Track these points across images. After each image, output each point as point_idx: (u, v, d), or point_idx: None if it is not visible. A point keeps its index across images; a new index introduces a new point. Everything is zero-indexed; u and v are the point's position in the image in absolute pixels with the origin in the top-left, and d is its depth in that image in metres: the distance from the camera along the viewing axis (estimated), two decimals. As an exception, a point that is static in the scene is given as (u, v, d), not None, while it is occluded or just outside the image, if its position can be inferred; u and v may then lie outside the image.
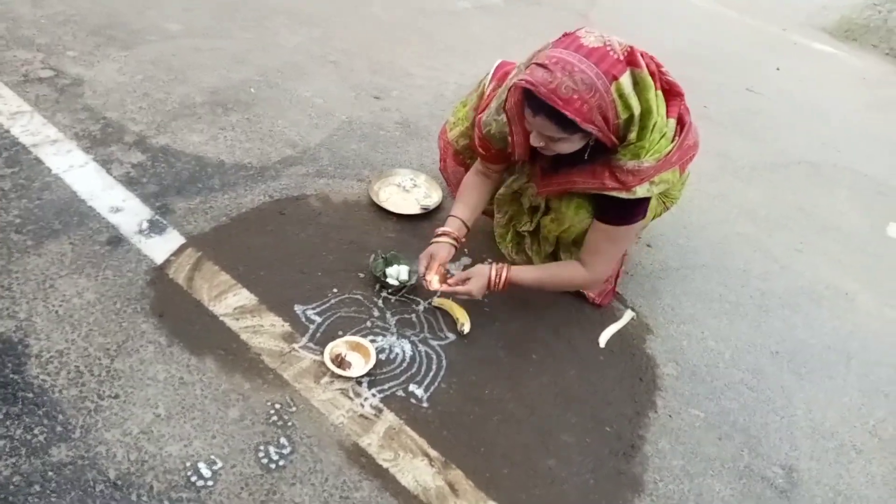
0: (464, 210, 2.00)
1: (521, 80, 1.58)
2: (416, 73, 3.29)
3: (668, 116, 1.71)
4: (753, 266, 2.52)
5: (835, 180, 3.37)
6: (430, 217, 2.28)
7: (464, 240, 1.96)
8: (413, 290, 1.97)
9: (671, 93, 1.73)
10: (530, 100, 1.62)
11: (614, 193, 1.72)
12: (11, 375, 1.49)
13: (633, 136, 1.65)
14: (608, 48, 1.57)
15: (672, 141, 1.70)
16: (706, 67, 4.42)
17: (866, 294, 2.53)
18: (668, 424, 1.79)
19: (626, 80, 1.57)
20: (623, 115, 1.60)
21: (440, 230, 1.95)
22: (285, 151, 2.43)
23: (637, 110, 1.61)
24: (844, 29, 6.35)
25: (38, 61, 2.56)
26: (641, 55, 1.63)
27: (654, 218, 2.12)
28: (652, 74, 1.64)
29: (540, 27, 4.35)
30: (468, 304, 1.96)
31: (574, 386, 1.83)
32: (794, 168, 3.38)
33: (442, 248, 1.91)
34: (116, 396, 1.50)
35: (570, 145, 1.67)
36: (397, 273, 1.95)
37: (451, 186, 2.34)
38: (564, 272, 1.95)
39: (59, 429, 1.41)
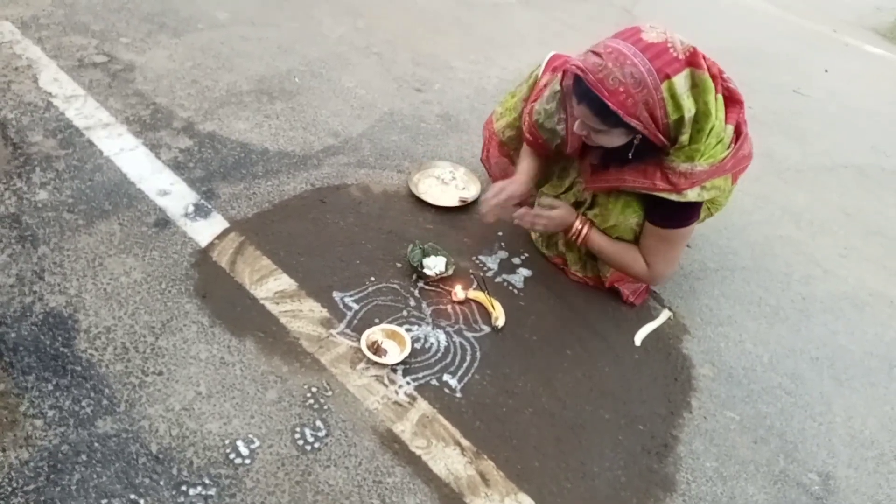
0: (531, 163, 2.04)
1: (574, 64, 1.61)
2: (458, 65, 3.29)
3: (726, 122, 1.69)
4: (795, 270, 2.47)
5: (882, 185, 3.28)
6: (468, 210, 2.29)
7: (533, 191, 2.08)
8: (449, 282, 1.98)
9: (731, 100, 1.72)
10: (577, 86, 1.64)
11: (664, 195, 1.72)
12: (61, 349, 1.54)
13: (684, 137, 1.64)
14: (668, 45, 1.57)
15: (728, 147, 1.69)
16: (752, 66, 4.33)
17: (912, 302, 2.47)
18: (702, 425, 1.78)
19: (680, 80, 1.56)
20: (673, 116, 1.60)
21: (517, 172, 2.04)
22: (327, 141, 2.46)
23: (690, 112, 1.60)
24: (899, 31, 6.16)
25: (93, 47, 2.63)
26: (703, 58, 1.62)
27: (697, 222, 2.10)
28: (713, 78, 1.63)
29: (582, 22, 4.32)
30: (503, 298, 1.97)
31: (608, 383, 1.83)
32: (841, 171, 3.31)
33: (517, 183, 1.97)
34: (160, 373, 1.54)
35: (610, 139, 1.68)
36: (435, 264, 1.97)
37: (493, 177, 2.35)
38: (629, 256, 1.93)
39: (105, 402, 1.46)
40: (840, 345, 2.17)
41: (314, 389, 1.59)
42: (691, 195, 1.70)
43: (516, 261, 2.14)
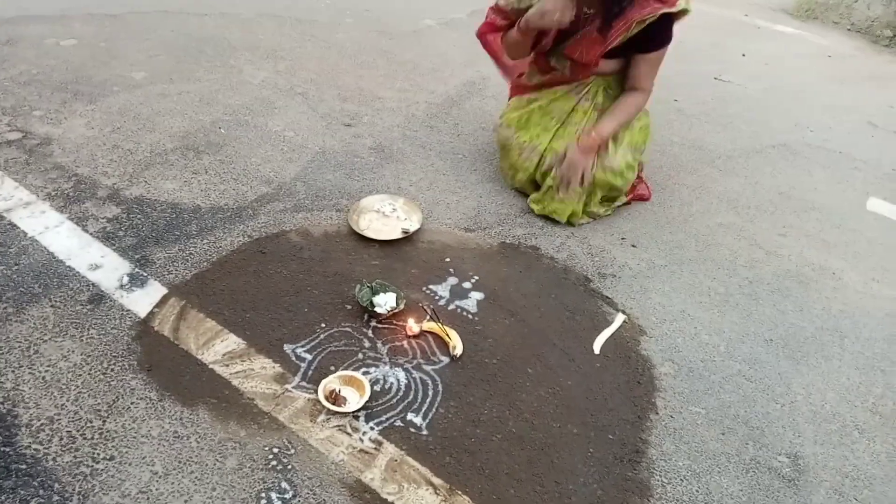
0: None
1: None
2: (386, 96, 3.29)
3: None
4: (739, 255, 2.52)
5: (811, 160, 3.39)
6: (412, 240, 2.28)
7: None
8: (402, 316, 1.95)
9: None
10: None
11: (664, 10, 2.18)
12: (2, 448, 1.46)
13: None
14: None
15: None
16: (673, 60, 4.42)
17: (852, 271, 2.54)
18: (670, 425, 1.78)
19: None
20: None
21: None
22: (261, 189, 2.42)
23: None
24: (805, 9, 6.42)
25: (5, 124, 2.54)
26: None
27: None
28: None
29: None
30: (459, 325, 1.95)
31: (573, 396, 1.82)
32: (770, 152, 3.41)
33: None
34: (112, 458, 1.48)
35: None
36: (385, 301, 1.94)
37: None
38: (630, 105, 2.44)
39: (55, 498, 1.39)
40: (791, 323, 2.22)
41: (276, 450, 1.54)
42: (681, 3, 2.21)
43: (467, 285, 2.13)
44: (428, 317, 1.96)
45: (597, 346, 1.99)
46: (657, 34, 2.28)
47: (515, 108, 2.62)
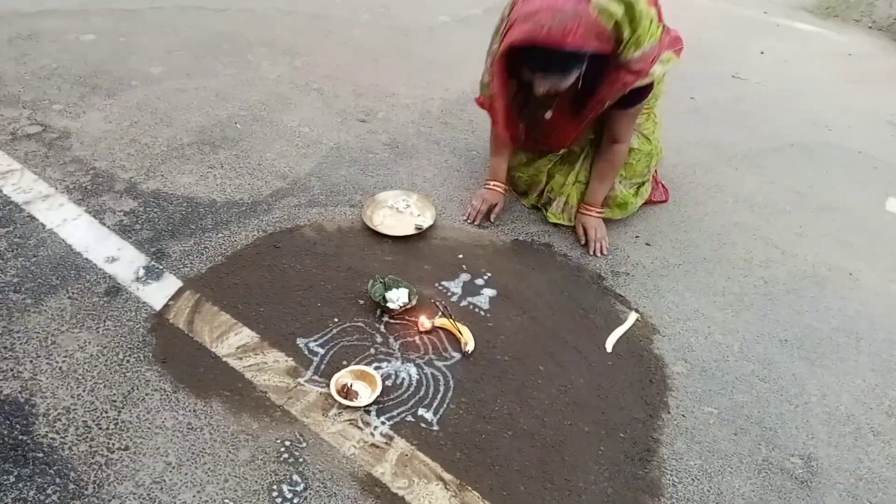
0: (499, 162, 2.44)
1: (514, 39, 1.84)
2: (401, 92, 3.29)
3: (649, 5, 1.94)
4: (754, 254, 2.50)
5: (829, 160, 3.35)
6: (425, 236, 2.28)
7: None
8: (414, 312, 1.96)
9: None
10: (530, 59, 1.89)
11: (637, 84, 1.97)
12: (20, 436, 1.49)
13: (627, 33, 1.84)
14: None
15: (659, 26, 1.96)
16: (690, 58, 4.40)
17: (870, 271, 2.51)
18: (682, 424, 1.78)
19: None
20: (609, 24, 1.80)
21: (490, 179, 2.45)
22: (276, 184, 2.44)
23: (619, 12, 1.80)
24: (825, 6, 6.35)
25: (25, 118, 2.58)
26: None
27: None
28: None
29: (520, 34, 4.35)
30: (470, 321, 1.96)
31: (584, 394, 1.82)
32: (787, 151, 3.37)
33: (496, 195, 2.42)
34: (126, 448, 1.50)
35: (569, 80, 1.93)
36: (398, 297, 1.95)
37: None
38: (614, 163, 2.31)
39: (71, 486, 1.41)
40: (806, 324, 2.20)
41: (287, 443, 1.56)
42: (657, 70, 1.98)
43: (479, 282, 2.13)
44: (440, 313, 1.96)
45: (609, 345, 1.99)
46: (634, 97, 2.07)
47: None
